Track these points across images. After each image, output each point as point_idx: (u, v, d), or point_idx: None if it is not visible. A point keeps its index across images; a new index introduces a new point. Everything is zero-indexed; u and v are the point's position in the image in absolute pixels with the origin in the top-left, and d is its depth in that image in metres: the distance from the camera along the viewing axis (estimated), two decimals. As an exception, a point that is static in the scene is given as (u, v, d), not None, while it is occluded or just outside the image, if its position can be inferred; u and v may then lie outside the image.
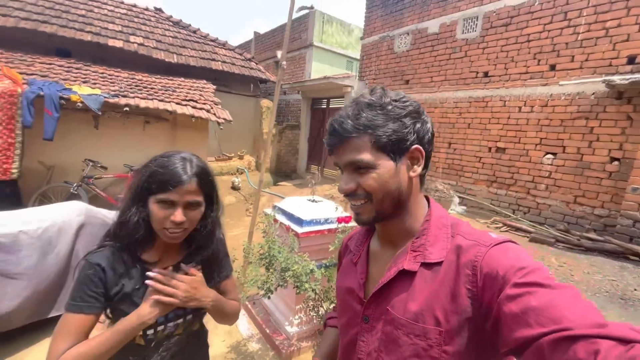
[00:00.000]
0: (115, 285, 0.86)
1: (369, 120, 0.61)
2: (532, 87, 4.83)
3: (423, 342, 0.57)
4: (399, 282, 0.63)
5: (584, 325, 0.41)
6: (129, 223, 0.88)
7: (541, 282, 0.48)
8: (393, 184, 0.62)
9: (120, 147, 5.23)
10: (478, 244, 0.57)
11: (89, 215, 2.61)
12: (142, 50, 6.97)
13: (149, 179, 0.86)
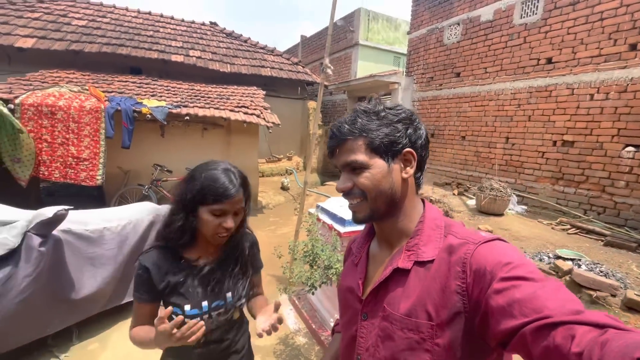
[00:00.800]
0: (161, 282, 1.01)
1: (364, 124, 0.67)
2: (606, 72, 4.27)
3: (416, 336, 0.59)
4: (394, 280, 0.66)
5: (562, 313, 0.44)
6: (172, 226, 1.02)
7: (526, 275, 0.50)
8: (386, 184, 0.66)
9: (182, 152, 5.79)
10: (467, 242, 0.60)
11: (157, 215, 2.97)
12: (199, 62, 7.60)
13: (202, 192, 0.97)
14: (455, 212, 5.15)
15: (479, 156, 6.08)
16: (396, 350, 0.62)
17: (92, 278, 2.48)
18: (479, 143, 6.06)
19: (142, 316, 1.03)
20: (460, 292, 0.57)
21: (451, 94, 6.64)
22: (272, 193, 7.71)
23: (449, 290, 0.58)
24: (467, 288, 0.56)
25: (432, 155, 7.18)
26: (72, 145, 4.39)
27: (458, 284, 0.57)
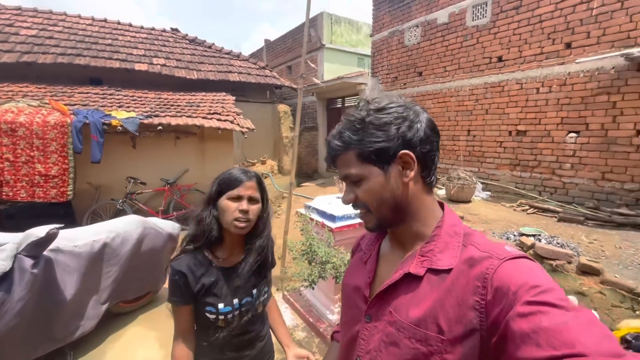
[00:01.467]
0: (196, 284, 1.10)
1: (349, 137, 0.65)
2: (548, 68, 4.82)
3: (424, 348, 0.57)
4: (404, 285, 0.63)
5: (599, 353, 0.39)
6: (204, 222, 1.12)
7: (555, 302, 0.46)
8: (386, 192, 0.64)
9: (156, 163, 5.65)
10: (491, 257, 0.56)
11: (145, 227, 2.95)
12: (165, 70, 7.42)
13: (220, 185, 1.10)
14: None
15: (445, 149, 6.53)
16: (401, 358, 0.59)
17: (84, 295, 2.44)
18: (444, 137, 6.51)
19: (183, 317, 1.12)
20: (478, 309, 0.53)
21: (415, 92, 7.06)
22: (250, 198, 7.70)
23: (465, 306, 0.54)
24: (486, 306, 0.52)
25: (402, 151, 7.58)
26: (38, 163, 4.16)
27: (476, 300, 0.53)
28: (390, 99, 0.66)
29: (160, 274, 3.22)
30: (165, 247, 3.16)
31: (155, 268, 3.11)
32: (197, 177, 5.98)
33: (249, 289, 1.18)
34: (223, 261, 1.16)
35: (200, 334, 1.18)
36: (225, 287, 1.14)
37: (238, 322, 1.15)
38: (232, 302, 1.13)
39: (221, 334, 1.14)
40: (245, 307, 1.16)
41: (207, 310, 1.11)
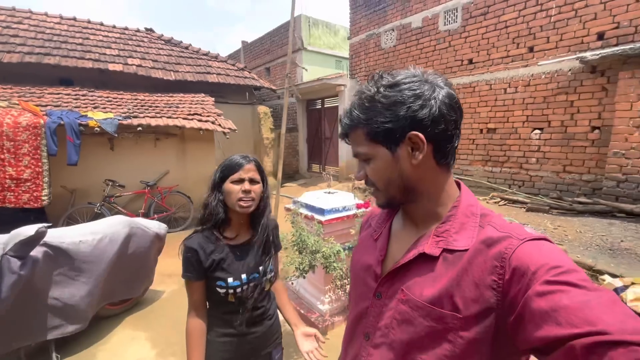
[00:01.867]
0: (207, 260, 1.20)
1: (357, 115, 0.63)
2: (514, 70, 5.19)
3: (439, 326, 0.56)
4: (417, 265, 0.62)
5: (624, 331, 0.39)
6: (210, 206, 1.22)
7: (576, 282, 0.45)
8: (392, 173, 0.63)
9: (135, 165, 5.52)
10: (511, 237, 0.55)
11: (132, 227, 2.92)
12: (141, 71, 7.24)
13: (222, 171, 1.21)
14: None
15: (422, 147, 6.82)
16: (415, 336, 0.59)
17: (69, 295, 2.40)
18: (421, 135, 6.81)
19: (196, 292, 1.23)
20: (495, 288, 0.52)
21: (392, 93, 7.32)
22: (232, 200, 7.65)
23: (482, 285, 0.53)
24: (504, 285, 0.52)
25: (381, 150, 7.82)
26: (8, 166, 3.98)
27: (494, 279, 0.53)
28: (406, 73, 0.62)
29: (148, 275, 3.19)
30: (152, 247, 3.14)
31: (143, 269, 3.08)
32: (179, 179, 5.90)
33: (256, 266, 1.27)
34: (231, 240, 1.25)
35: (213, 309, 1.27)
36: (234, 262, 1.23)
37: (247, 297, 1.23)
38: (240, 277, 1.21)
39: (232, 307, 1.23)
40: (253, 282, 1.24)
41: (217, 285, 1.19)
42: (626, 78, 3.94)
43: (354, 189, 7.12)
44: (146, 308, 3.24)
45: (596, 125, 4.42)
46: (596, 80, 4.36)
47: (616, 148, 4.07)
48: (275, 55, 11.36)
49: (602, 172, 4.31)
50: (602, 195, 4.24)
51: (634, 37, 4.05)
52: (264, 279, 1.28)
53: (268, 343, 1.34)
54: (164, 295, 3.52)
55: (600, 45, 4.32)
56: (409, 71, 0.62)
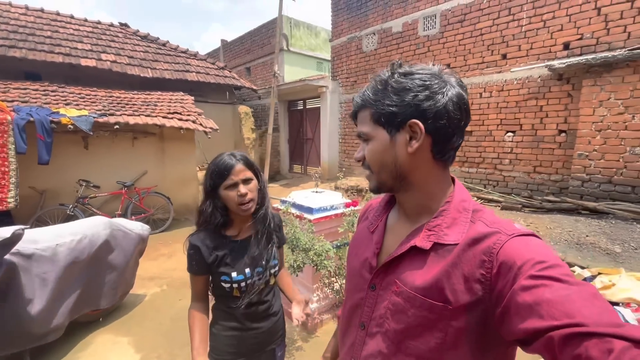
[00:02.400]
0: (210, 256, 1.21)
1: (368, 95, 0.66)
2: (489, 75, 5.47)
3: (431, 315, 0.59)
4: (409, 257, 0.65)
5: (599, 323, 0.41)
6: (205, 213, 1.23)
7: (559, 277, 0.47)
8: (388, 157, 0.64)
9: (111, 164, 5.30)
10: (499, 232, 0.57)
11: (113, 229, 2.82)
12: (115, 67, 6.96)
13: (212, 176, 1.18)
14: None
15: (402, 148, 7.01)
16: (408, 325, 0.62)
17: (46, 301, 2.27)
18: (401, 137, 6.99)
19: (198, 286, 1.25)
20: (483, 282, 0.54)
21: (373, 96, 7.47)
22: (212, 201, 7.51)
23: (471, 279, 0.56)
24: (491, 279, 0.54)
25: (362, 151, 7.94)
26: (-29, 165, 3.70)
27: (482, 273, 0.55)
28: (423, 66, 0.64)
29: (129, 279, 3.09)
30: (135, 250, 3.04)
31: (125, 272, 2.97)
32: (157, 179, 5.72)
33: (259, 260, 1.27)
34: (235, 236, 1.27)
35: (219, 303, 1.29)
36: (238, 257, 1.24)
37: (251, 291, 1.24)
38: (244, 271, 1.23)
39: (238, 301, 1.24)
40: (257, 276, 1.26)
41: (222, 279, 1.21)
42: (589, 85, 4.26)
43: (335, 189, 7.19)
44: (127, 313, 3.13)
45: (563, 129, 4.74)
46: (563, 87, 4.68)
47: (580, 150, 4.39)
48: (256, 55, 11.26)
49: (568, 173, 4.63)
50: (568, 194, 4.55)
51: (596, 48, 4.39)
52: (267, 273, 1.29)
53: (273, 339, 1.35)
54: (146, 298, 3.41)
55: (566, 54, 4.64)
56: (427, 66, 0.65)
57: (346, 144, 8.40)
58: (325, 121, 8.41)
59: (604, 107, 4.15)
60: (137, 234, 3.04)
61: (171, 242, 5.08)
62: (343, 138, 8.48)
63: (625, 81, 3.96)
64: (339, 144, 8.62)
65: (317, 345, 2.63)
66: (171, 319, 3.00)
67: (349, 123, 8.22)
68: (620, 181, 4.11)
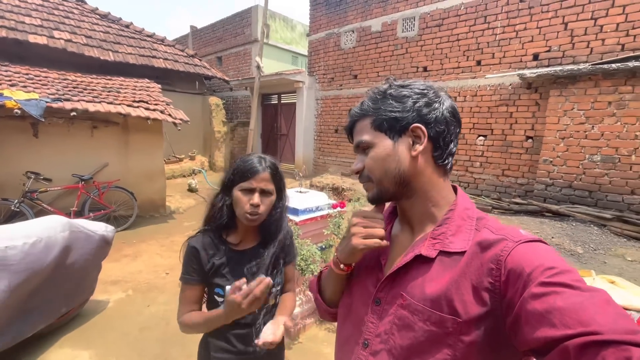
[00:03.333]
0: (207, 262, 1.09)
1: (368, 105, 0.68)
2: (463, 80, 5.65)
3: (439, 330, 0.56)
4: (415, 268, 0.63)
5: (615, 331, 0.40)
6: (216, 207, 1.12)
7: (570, 283, 0.46)
8: (391, 162, 0.64)
9: (66, 156, 4.76)
10: (506, 239, 0.56)
11: (72, 230, 2.50)
12: (71, 47, 6.28)
13: (234, 172, 1.08)
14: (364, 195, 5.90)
15: (377, 148, 7.08)
16: (415, 341, 0.59)
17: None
18: (377, 137, 7.05)
19: (190, 298, 1.10)
20: (492, 291, 0.53)
21: (350, 94, 7.45)
22: (180, 196, 7.09)
23: (480, 288, 0.54)
24: (500, 287, 0.53)
25: (338, 149, 7.92)
26: None
27: (490, 282, 0.54)
28: (417, 80, 0.68)
29: (92, 282, 2.78)
30: (98, 253, 2.73)
31: (86, 278, 2.67)
32: (120, 172, 5.25)
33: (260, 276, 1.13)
34: (235, 245, 1.14)
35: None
36: (235, 269, 1.12)
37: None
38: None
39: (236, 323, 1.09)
40: None
41: (215, 292, 1.10)
42: (555, 95, 4.53)
43: (311, 187, 7.10)
44: (87, 322, 2.81)
45: (530, 135, 5.02)
46: (531, 96, 4.95)
47: (545, 156, 4.67)
48: (229, 45, 10.78)
49: (534, 177, 4.92)
50: (533, 196, 4.84)
51: (562, 61, 4.68)
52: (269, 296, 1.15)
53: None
54: (109, 305, 3.09)
55: (535, 64, 4.90)
56: (420, 80, 0.69)
57: (322, 142, 8.33)
58: (300, 117, 8.26)
59: (567, 116, 4.44)
60: (101, 236, 2.73)
61: (135, 241, 4.69)
62: (318, 135, 8.39)
63: (587, 93, 4.26)
64: (314, 141, 8.52)
65: (301, 352, 2.53)
66: (139, 328, 2.74)
67: (324, 120, 8.15)
68: (579, 186, 4.43)
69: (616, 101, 4.07)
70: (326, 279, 0.83)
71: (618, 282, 2.21)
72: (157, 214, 5.89)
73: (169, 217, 5.95)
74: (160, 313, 2.96)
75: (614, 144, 4.14)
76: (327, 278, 0.82)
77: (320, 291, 0.87)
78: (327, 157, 8.19)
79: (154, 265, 4.00)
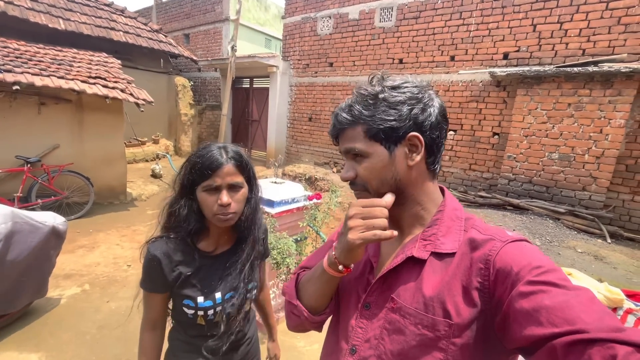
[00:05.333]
0: (171, 272, 0.95)
1: (359, 111, 0.62)
2: (437, 74, 5.74)
3: (431, 334, 0.56)
4: (406, 270, 0.62)
5: (600, 329, 0.41)
6: (179, 216, 0.96)
7: (556, 282, 0.47)
8: (387, 173, 0.62)
9: (8, 135, 4.22)
10: (494, 239, 0.56)
11: (15, 221, 2.22)
12: (12, 10, 5.54)
13: (191, 170, 0.93)
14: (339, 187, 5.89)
15: (351, 138, 7.07)
16: (406, 346, 0.58)
17: None
18: (351, 127, 7.03)
19: (154, 306, 1.00)
20: (482, 290, 0.54)
21: (326, 82, 7.33)
22: (142, 182, 6.65)
23: (470, 288, 0.55)
24: (489, 287, 0.53)
25: (311, 138, 7.81)
26: None
27: (480, 281, 0.54)
28: (404, 79, 0.64)
29: (41, 281, 2.51)
30: (48, 246, 2.46)
31: (34, 274, 2.40)
32: (73, 155, 4.78)
33: (236, 282, 1.02)
34: (210, 251, 1.02)
35: (178, 332, 1.05)
36: (207, 278, 1.00)
37: (220, 321, 1.01)
38: (213, 296, 0.99)
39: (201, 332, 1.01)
40: (229, 302, 1.01)
41: (184, 304, 0.97)
42: (522, 94, 4.74)
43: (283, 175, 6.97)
44: (36, 321, 2.55)
45: (496, 132, 5.24)
46: (500, 94, 5.14)
47: (510, 152, 4.91)
48: (197, 22, 10.12)
49: (498, 172, 5.17)
50: (497, 191, 5.09)
51: (529, 61, 4.89)
52: (242, 298, 1.04)
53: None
54: (62, 302, 2.83)
55: (505, 63, 5.08)
56: (407, 78, 0.65)
57: (295, 129, 8.16)
58: (274, 103, 8.01)
59: (531, 115, 4.67)
60: (50, 227, 2.46)
61: (92, 230, 4.34)
62: (292, 123, 8.21)
63: (551, 94, 4.49)
64: (287, 128, 8.34)
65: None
66: (98, 327, 2.54)
67: (298, 107, 7.97)
68: (538, 182, 4.72)
69: (575, 103, 4.33)
70: (310, 283, 0.72)
71: (574, 274, 2.37)
72: (117, 201, 5.49)
73: (130, 205, 5.57)
74: (122, 309, 2.77)
75: (570, 144, 4.43)
76: (312, 281, 0.71)
77: (299, 297, 0.74)
78: (300, 145, 8.06)
79: (114, 257, 3.72)
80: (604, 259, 3.44)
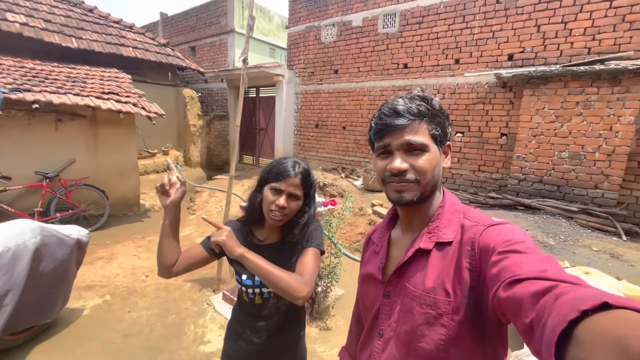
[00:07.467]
0: None
1: (426, 109, 0.71)
2: (442, 78, 5.78)
3: (433, 312, 0.64)
4: (415, 261, 0.71)
5: (530, 272, 0.49)
6: (253, 202, 1.20)
7: (519, 249, 0.55)
8: (437, 170, 0.72)
9: (28, 151, 4.37)
10: (478, 224, 0.66)
11: (44, 235, 2.31)
12: (28, 31, 5.73)
13: (268, 171, 1.15)
14: (347, 192, 5.93)
15: (358, 143, 7.12)
16: (414, 324, 0.67)
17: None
18: (357, 132, 7.08)
19: (190, 251, 1.14)
20: (471, 269, 0.62)
21: (331, 89, 7.41)
22: (154, 193, 6.75)
23: (462, 269, 0.63)
24: (476, 265, 0.62)
25: (319, 144, 7.88)
26: None
27: (468, 262, 0.63)
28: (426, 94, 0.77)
29: (67, 292, 2.59)
30: (72, 259, 2.55)
31: (60, 286, 2.47)
32: (89, 169, 4.91)
33: None
34: (261, 240, 1.21)
35: (237, 303, 1.29)
36: None
37: (259, 302, 1.16)
38: (254, 277, 1.14)
39: (245, 309, 1.20)
40: (267, 288, 1.15)
41: (236, 278, 1.20)
42: (528, 95, 4.76)
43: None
44: (62, 331, 2.62)
45: (504, 133, 5.25)
46: (506, 94, 5.16)
47: (519, 152, 4.91)
48: (203, 34, 10.32)
49: (508, 172, 5.16)
50: (507, 191, 5.08)
51: (534, 62, 4.91)
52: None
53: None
54: (85, 313, 2.90)
55: (510, 65, 5.11)
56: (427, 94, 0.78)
57: (302, 137, 8.24)
58: (280, 111, 8.11)
59: (539, 115, 4.68)
60: (75, 240, 2.55)
61: (109, 242, 4.43)
62: (299, 130, 8.29)
63: (558, 93, 4.50)
64: (295, 135, 8.42)
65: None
66: (122, 336, 2.60)
67: (305, 115, 8.06)
68: (549, 181, 4.71)
69: (583, 101, 4.34)
70: None
71: (592, 272, 2.38)
72: (131, 213, 5.60)
73: (144, 216, 5.68)
74: (143, 319, 2.83)
75: (580, 142, 4.42)
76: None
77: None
78: (308, 152, 8.13)
79: (132, 268, 3.80)
80: (620, 257, 3.41)
